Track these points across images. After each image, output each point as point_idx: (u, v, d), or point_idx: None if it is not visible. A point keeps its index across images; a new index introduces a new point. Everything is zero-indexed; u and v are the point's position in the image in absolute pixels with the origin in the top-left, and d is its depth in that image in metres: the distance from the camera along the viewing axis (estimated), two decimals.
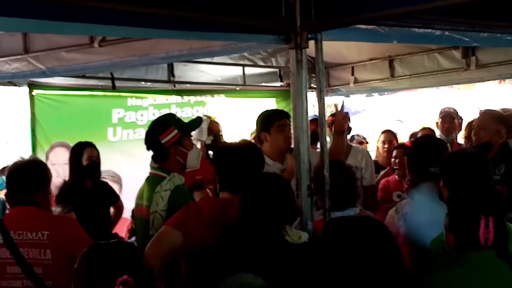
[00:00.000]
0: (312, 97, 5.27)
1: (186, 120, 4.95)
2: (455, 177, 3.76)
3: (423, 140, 5.52)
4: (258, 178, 3.64)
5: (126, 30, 3.84)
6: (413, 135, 8.52)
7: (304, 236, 3.35)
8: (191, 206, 3.95)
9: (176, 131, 4.54)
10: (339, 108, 5.28)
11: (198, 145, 5.59)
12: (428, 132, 7.38)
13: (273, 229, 3.28)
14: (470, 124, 7.15)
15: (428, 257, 3.64)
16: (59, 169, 6.64)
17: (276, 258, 3.20)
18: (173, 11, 3.41)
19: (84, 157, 6.11)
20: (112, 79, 7.65)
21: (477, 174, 3.79)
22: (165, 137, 4.51)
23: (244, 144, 4.52)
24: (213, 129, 6.50)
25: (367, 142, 9.89)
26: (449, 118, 7.35)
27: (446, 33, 4.67)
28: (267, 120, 5.22)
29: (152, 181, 4.49)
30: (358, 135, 9.96)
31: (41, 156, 7.05)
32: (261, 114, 5.39)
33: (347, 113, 5.26)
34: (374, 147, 8.29)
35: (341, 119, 5.25)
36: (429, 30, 4.57)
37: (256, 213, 3.33)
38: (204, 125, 6.28)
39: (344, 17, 3.73)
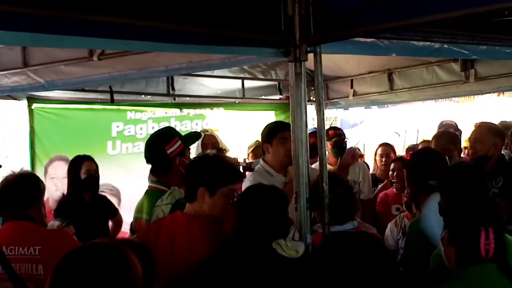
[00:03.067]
0: (311, 110, 5.28)
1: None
2: (454, 190, 3.75)
3: (423, 152, 5.52)
4: (253, 190, 3.64)
5: (125, 44, 3.84)
6: (410, 148, 8.52)
7: (301, 248, 3.33)
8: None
9: (180, 142, 4.58)
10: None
11: None
12: (427, 145, 7.38)
13: (266, 243, 3.26)
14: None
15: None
16: (58, 183, 6.62)
17: (268, 272, 3.18)
18: (173, 25, 3.40)
19: (82, 171, 6.08)
20: (111, 92, 7.65)
21: (476, 185, 3.79)
22: (170, 147, 4.53)
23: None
24: (208, 143, 6.52)
25: (363, 155, 9.91)
26: None
27: (445, 45, 4.67)
28: (270, 132, 5.24)
29: (152, 195, 4.48)
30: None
31: (40, 170, 7.03)
32: (266, 125, 5.44)
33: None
34: (371, 160, 8.28)
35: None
36: (428, 43, 4.57)
37: (251, 226, 3.31)
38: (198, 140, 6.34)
39: (344, 30, 3.73)
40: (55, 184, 6.56)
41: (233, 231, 3.39)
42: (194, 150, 6.12)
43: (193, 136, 4.94)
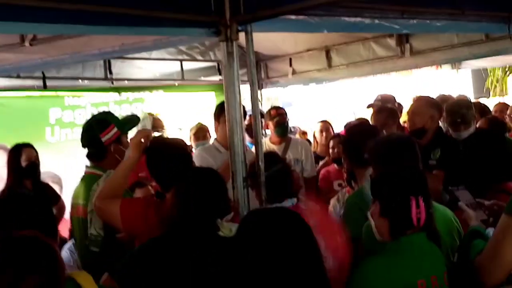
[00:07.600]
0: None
1: None
2: (383, 161, 3.81)
3: (357, 126, 5.57)
4: (190, 173, 3.64)
5: (56, 28, 3.81)
6: (348, 125, 8.61)
7: (234, 228, 3.35)
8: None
9: (116, 129, 4.55)
10: None
11: None
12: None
13: (207, 225, 3.28)
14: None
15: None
16: None
17: (211, 253, 3.19)
18: (103, 7, 3.39)
19: (23, 158, 6.01)
20: (44, 78, 7.52)
21: (406, 155, 3.85)
22: (105, 135, 4.51)
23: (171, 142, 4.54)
24: (157, 126, 6.51)
25: (306, 132, 9.99)
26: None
27: (376, 21, 4.71)
28: (218, 110, 5.40)
29: (88, 180, 4.46)
30: (294, 127, 10.01)
31: None
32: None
33: None
34: (312, 138, 8.34)
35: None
36: (359, 19, 4.62)
37: (189, 209, 3.32)
38: (148, 123, 6.28)
39: (273, 8, 3.76)
40: None
41: (172, 215, 3.40)
42: None
43: (131, 122, 4.90)
